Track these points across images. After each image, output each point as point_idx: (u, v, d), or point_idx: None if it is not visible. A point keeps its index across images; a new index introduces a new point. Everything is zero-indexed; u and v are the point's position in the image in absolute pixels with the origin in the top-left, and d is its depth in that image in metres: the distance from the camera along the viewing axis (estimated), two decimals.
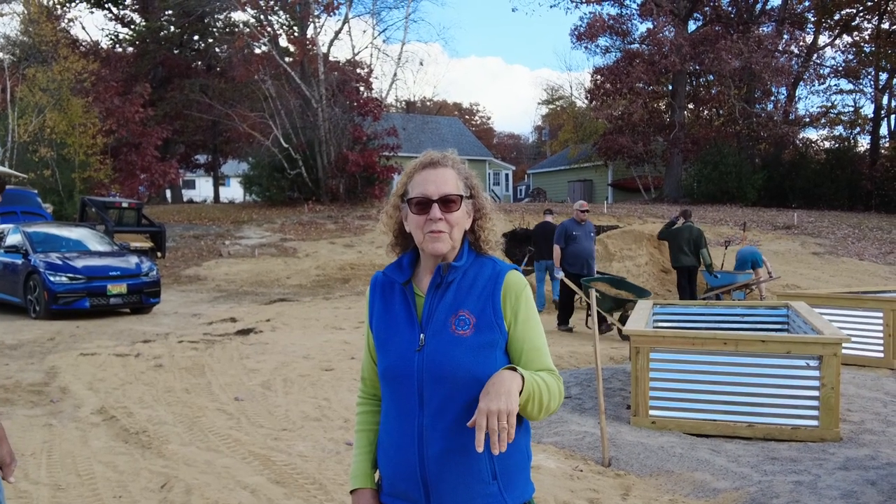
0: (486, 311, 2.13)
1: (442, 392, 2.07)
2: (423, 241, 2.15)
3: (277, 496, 5.07)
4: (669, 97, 41.37)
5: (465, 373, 2.06)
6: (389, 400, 2.19)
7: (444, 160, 2.21)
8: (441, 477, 2.07)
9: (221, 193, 52.91)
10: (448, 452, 2.07)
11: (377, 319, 2.26)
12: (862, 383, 8.43)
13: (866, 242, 26.51)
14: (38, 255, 13.97)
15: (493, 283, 2.17)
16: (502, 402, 1.87)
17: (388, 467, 2.19)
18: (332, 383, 8.56)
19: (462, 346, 2.08)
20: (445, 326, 2.11)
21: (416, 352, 2.11)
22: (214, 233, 27.16)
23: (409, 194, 2.19)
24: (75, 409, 7.40)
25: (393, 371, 2.15)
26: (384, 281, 2.30)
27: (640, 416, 6.80)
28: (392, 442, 2.16)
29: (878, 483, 5.22)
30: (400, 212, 2.26)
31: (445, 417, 2.07)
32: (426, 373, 2.09)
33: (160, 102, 39.91)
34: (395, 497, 2.18)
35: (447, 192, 2.14)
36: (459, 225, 2.17)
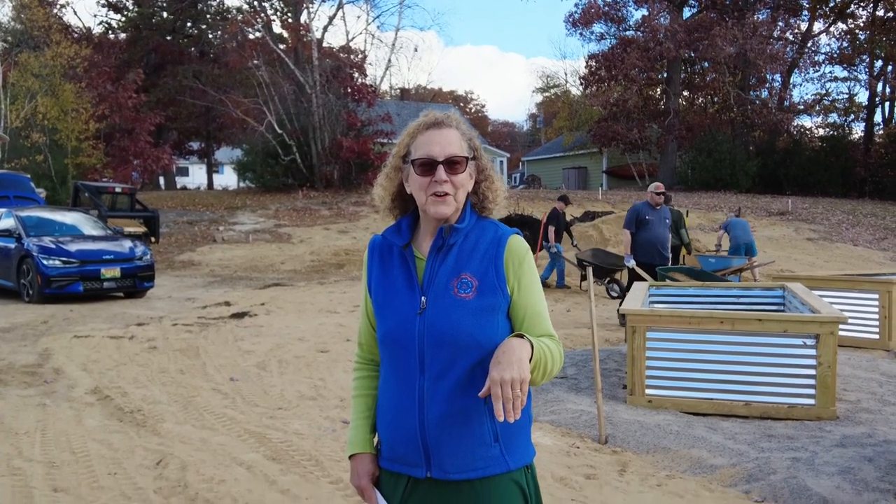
0: (489, 274, 2.09)
1: (443, 355, 2.04)
2: (427, 204, 2.10)
3: (274, 472, 5.05)
4: (664, 84, 41.35)
5: (467, 336, 2.03)
6: (389, 364, 2.15)
7: (448, 120, 2.16)
8: (442, 440, 2.04)
9: (215, 180, 52.74)
10: (449, 416, 2.03)
11: (376, 283, 2.22)
12: (858, 364, 8.43)
13: (860, 228, 26.58)
14: (31, 239, 13.90)
15: (495, 247, 2.13)
16: (514, 371, 1.84)
17: (387, 432, 2.16)
18: (328, 364, 8.53)
19: (464, 309, 2.04)
20: (447, 289, 2.07)
21: (417, 315, 2.07)
22: (208, 219, 27.08)
23: (413, 155, 2.13)
24: (69, 389, 7.36)
25: (393, 335, 2.11)
26: (383, 244, 2.26)
27: (636, 395, 6.79)
28: (392, 406, 2.13)
29: (875, 460, 5.22)
30: (401, 173, 2.20)
31: (446, 381, 2.04)
32: (427, 336, 2.05)
33: (153, 88, 39.75)
34: (394, 461, 2.15)
35: (453, 154, 2.09)
36: (464, 187, 2.13)
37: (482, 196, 2.21)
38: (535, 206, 25.71)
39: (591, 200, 30.78)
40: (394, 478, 2.16)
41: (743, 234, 16.24)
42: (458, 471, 2.05)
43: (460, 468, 2.05)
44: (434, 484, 2.08)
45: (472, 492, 2.06)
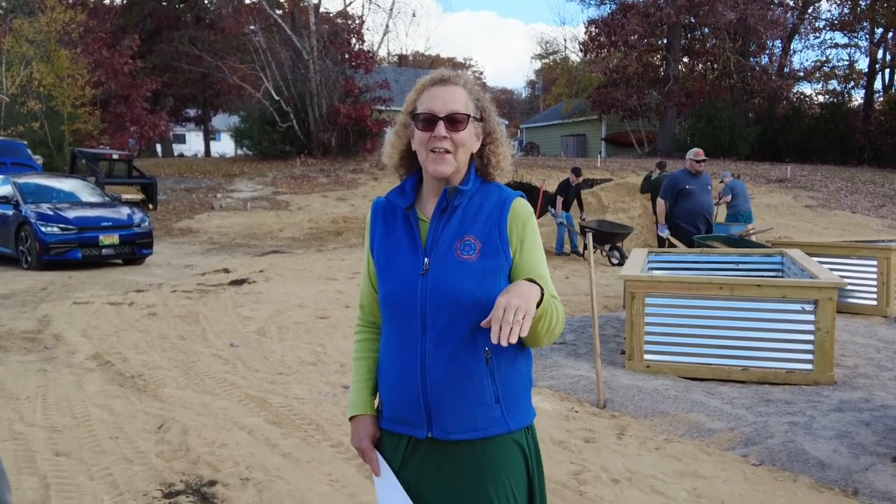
0: (493, 236, 2.09)
1: (445, 317, 2.03)
2: (426, 161, 2.09)
3: (275, 436, 5.08)
4: (664, 50, 41.04)
5: (469, 297, 2.02)
6: (391, 325, 2.15)
7: (456, 78, 2.14)
8: (443, 401, 2.05)
9: (212, 148, 52.53)
10: (450, 376, 2.04)
11: (378, 245, 2.21)
12: (855, 330, 8.46)
13: (859, 196, 26.56)
14: (29, 206, 13.86)
15: (499, 210, 2.12)
16: (522, 300, 1.82)
17: (389, 393, 2.16)
18: (327, 330, 8.56)
19: (467, 270, 2.04)
20: (450, 251, 2.07)
21: (420, 276, 2.07)
22: (206, 186, 27.00)
23: (417, 110, 2.12)
24: (69, 355, 7.38)
25: (395, 296, 2.10)
26: (386, 206, 2.24)
27: (634, 360, 6.82)
28: (394, 367, 2.13)
29: (873, 424, 5.25)
30: (408, 129, 2.18)
31: (448, 342, 2.04)
32: (430, 297, 2.05)
33: (149, 55, 39.45)
34: (395, 422, 2.16)
35: (454, 110, 2.07)
36: (465, 146, 2.10)
37: (487, 160, 2.19)
38: (533, 174, 25.67)
39: (589, 168, 30.66)
40: (394, 438, 2.17)
41: (743, 202, 16.28)
42: (459, 431, 2.06)
43: (461, 428, 2.06)
44: (435, 444, 2.09)
45: (473, 451, 2.07)
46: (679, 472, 4.54)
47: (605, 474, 4.48)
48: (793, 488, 4.32)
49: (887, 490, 4.23)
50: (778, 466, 4.64)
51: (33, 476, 4.38)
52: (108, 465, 4.59)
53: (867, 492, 4.24)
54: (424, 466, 2.11)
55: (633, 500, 4.14)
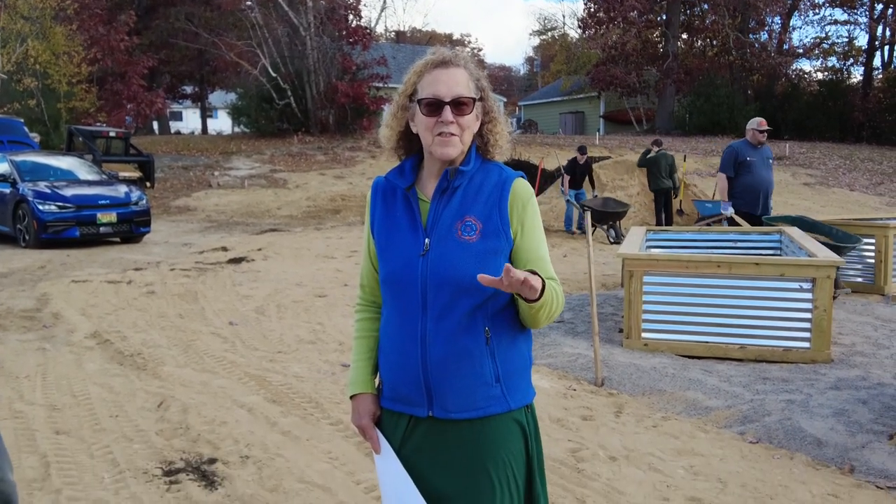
0: (493, 217, 2.08)
1: (446, 297, 2.04)
2: (432, 145, 2.08)
3: (274, 414, 5.10)
4: (663, 27, 40.81)
5: (469, 278, 2.02)
6: (391, 305, 2.15)
7: (456, 59, 2.12)
8: (444, 380, 2.06)
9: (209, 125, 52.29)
10: (451, 356, 2.05)
11: (379, 225, 2.20)
12: (852, 308, 8.49)
13: (857, 173, 26.54)
14: (26, 184, 13.83)
15: (499, 190, 2.12)
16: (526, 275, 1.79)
17: (389, 372, 2.17)
18: (326, 309, 8.57)
19: (468, 251, 2.04)
20: (451, 232, 2.07)
21: (420, 256, 2.07)
22: (203, 164, 26.92)
23: (419, 94, 2.10)
24: (68, 333, 7.40)
25: (396, 276, 2.10)
26: (386, 186, 2.24)
27: (632, 338, 6.84)
28: (394, 347, 2.14)
29: (869, 402, 5.29)
30: (407, 112, 2.17)
31: (449, 322, 2.04)
32: (430, 278, 2.05)
33: (145, 31, 39.13)
34: (396, 401, 2.17)
35: (460, 94, 2.06)
36: (470, 128, 2.10)
37: (486, 139, 2.18)
38: (531, 152, 25.59)
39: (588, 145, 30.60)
40: (395, 417, 2.18)
41: None
42: (459, 410, 2.07)
43: (462, 407, 2.07)
44: (435, 423, 2.10)
45: (473, 430, 2.09)
46: (676, 450, 4.57)
47: (603, 452, 4.51)
48: (789, 466, 4.35)
49: (884, 467, 4.26)
50: (775, 444, 4.67)
51: (33, 454, 4.40)
52: (108, 443, 4.61)
53: (864, 469, 4.27)
54: (425, 445, 2.12)
55: (631, 477, 4.16)
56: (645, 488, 4.03)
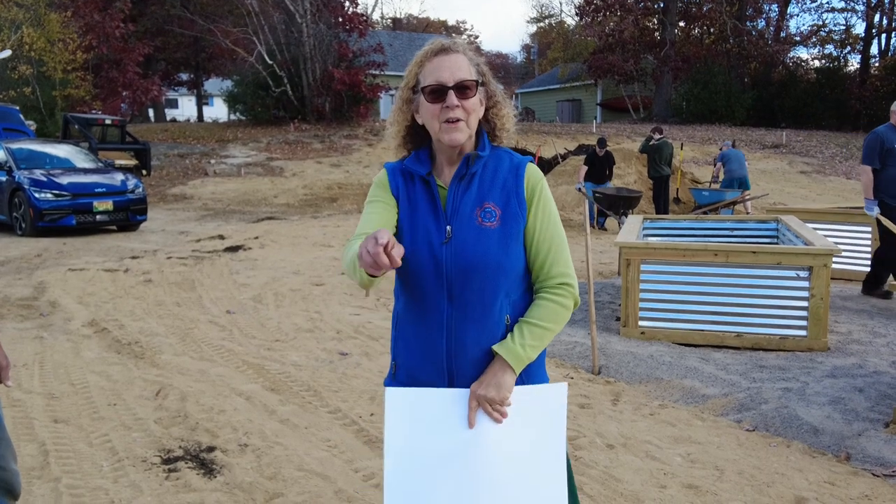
0: (511, 203, 2.11)
1: (470, 284, 2.06)
2: (440, 132, 2.08)
3: (272, 402, 5.11)
4: (660, 14, 40.75)
5: (493, 264, 2.06)
6: (412, 293, 2.14)
7: (455, 46, 2.14)
8: (466, 367, 2.08)
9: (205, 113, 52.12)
10: (475, 343, 2.07)
11: (402, 208, 2.17)
12: (849, 296, 8.51)
13: (854, 161, 26.54)
14: (22, 172, 13.80)
15: (514, 176, 2.15)
16: (492, 392, 2.02)
17: (410, 357, 2.17)
18: (323, 297, 8.57)
19: (490, 237, 2.07)
20: (472, 219, 2.09)
21: (444, 244, 2.07)
22: (199, 152, 26.86)
23: (422, 83, 2.11)
24: (66, 322, 7.39)
25: (420, 264, 2.10)
26: (402, 171, 2.22)
27: (629, 326, 6.85)
28: (417, 333, 2.14)
29: (866, 390, 5.31)
30: (412, 105, 2.18)
31: (474, 309, 2.07)
32: (454, 265, 2.06)
33: (141, 18, 38.93)
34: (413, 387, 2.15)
35: (462, 78, 2.07)
36: (475, 112, 2.11)
37: (493, 123, 2.20)
38: (528, 140, 25.58)
39: (585, 133, 30.61)
40: None
41: (738, 167, 16.27)
42: None
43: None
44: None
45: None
46: (673, 438, 4.58)
47: (600, 440, 4.52)
48: (786, 454, 4.37)
49: (880, 455, 4.28)
50: (771, 432, 4.69)
51: (32, 443, 4.41)
52: (106, 431, 4.62)
53: (860, 457, 4.29)
54: None
55: (628, 465, 4.18)
56: (642, 475, 4.05)
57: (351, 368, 5.91)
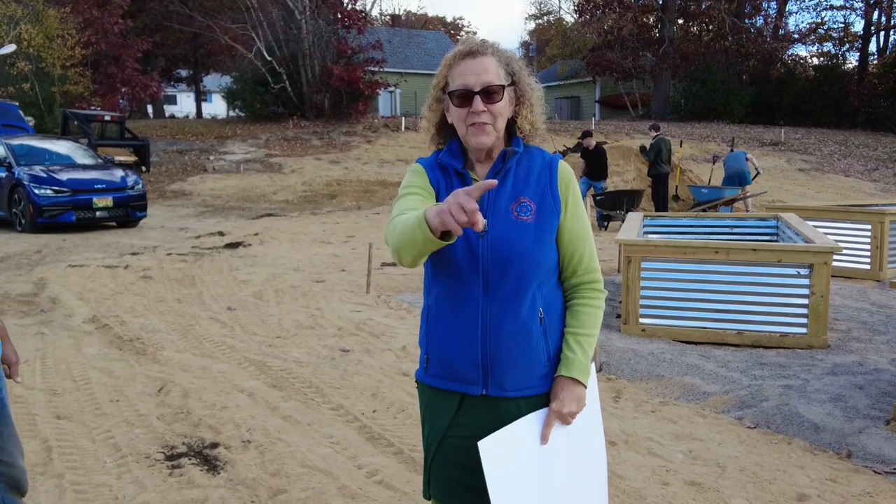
0: (546, 198, 2.15)
1: (506, 277, 2.08)
2: (467, 135, 2.11)
3: (275, 399, 5.12)
4: (659, 11, 40.72)
5: (529, 257, 2.09)
6: (448, 286, 2.15)
7: (484, 48, 2.14)
8: (502, 359, 2.10)
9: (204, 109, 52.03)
10: (511, 335, 2.10)
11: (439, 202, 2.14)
12: (849, 294, 8.53)
13: (852, 159, 26.57)
14: (22, 168, 13.79)
15: (548, 172, 2.19)
16: (574, 406, 2.11)
17: (444, 349, 2.17)
18: (324, 294, 8.58)
19: (526, 231, 2.10)
20: (508, 213, 2.11)
21: (480, 237, 2.09)
22: (198, 148, 26.82)
23: (450, 86, 2.13)
24: (66, 318, 7.40)
25: (457, 256, 2.11)
26: (436, 165, 2.24)
27: (630, 323, 6.87)
28: (452, 326, 2.15)
29: (866, 387, 5.33)
30: (442, 104, 2.20)
31: (510, 301, 2.09)
32: (491, 258, 2.08)
33: (140, 14, 38.84)
34: (447, 379, 2.18)
35: (488, 83, 2.08)
36: (503, 115, 2.13)
37: (522, 122, 2.22)
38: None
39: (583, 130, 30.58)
40: (444, 395, 2.20)
41: (736, 163, 16.24)
42: (514, 389, 2.12)
43: (517, 386, 2.12)
44: (488, 400, 2.14)
45: (527, 407, 2.13)
46: (675, 435, 4.60)
47: None
48: (787, 451, 4.38)
49: (880, 452, 4.29)
50: (772, 429, 4.70)
51: (35, 439, 4.42)
52: (109, 427, 4.63)
53: (861, 454, 4.31)
54: (476, 422, 2.14)
55: (630, 462, 4.19)
56: (644, 472, 4.06)
57: (352, 365, 5.92)
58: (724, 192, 15.64)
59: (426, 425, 2.26)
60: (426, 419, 2.26)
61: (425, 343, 2.24)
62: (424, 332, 2.24)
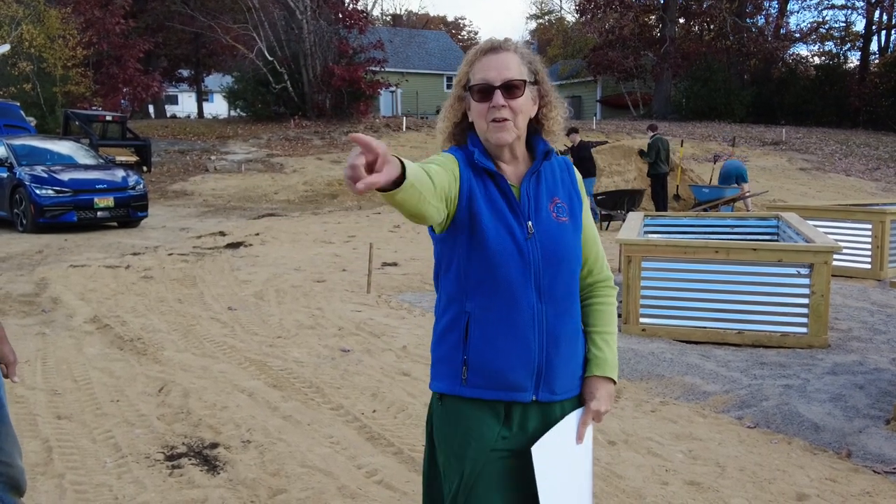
0: (574, 198, 2.18)
1: (558, 277, 2.07)
2: (488, 131, 2.07)
3: (275, 399, 5.13)
4: (660, 11, 40.72)
5: (574, 257, 2.11)
6: (498, 290, 2.04)
7: (506, 44, 2.12)
8: (555, 363, 2.07)
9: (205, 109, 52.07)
10: (565, 337, 2.09)
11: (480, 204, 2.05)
12: (849, 293, 8.53)
13: (853, 159, 26.56)
14: (23, 169, 13.80)
15: (568, 173, 2.22)
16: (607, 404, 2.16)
17: (495, 359, 2.05)
18: (325, 294, 8.58)
19: (567, 231, 2.11)
20: (548, 214, 2.10)
21: (527, 240, 2.05)
22: (200, 148, 26.85)
23: (471, 81, 2.10)
24: (68, 318, 7.41)
25: (507, 259, 2.03)
26: (468, 161, 2.10)
27: (630, 323, 6.87)
28: (506, 334, 2.04)
29: (866, 387, 5.33)
30: (463, 102, 2.16)
31: (563, 303, 2.09)
32: (542, 260, 2.05)
33: (141, 14, 38.88)
34: (494, 389, 2.05)
35: (510, 78, 2.05)
36: (524, 112, 2.09)
37: (542, 123, 2.20)
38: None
39: (585, 130, 30.55)
40: (486, 406, 2.07)
41: (734, 165, 16.30)
42: (564, 391, 2.11)
43: (566, 388, 2.12)
44: (538, 406, 2.09)
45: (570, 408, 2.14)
46: (675, 435, 4.60)
47: (602, 436, 4.54)
48: (787, 450, 4.38)
49: (880, 452, 4.29)
50: (772, 429, 4.70)
51: (35, 439, 4.42)
52: (109, 427, 4.63)
53: (860, 454, 4.31)
54: (529, 429, 2.08)
55: (630, 461, 4.20)
56: (644, 472, 4.06)
57: (353, 365, 5.93)
58: (725, 191, 15.64)
59: (464, 442, 2.06)
60: (463, 435, 2.07)
61: (463, 353, 2.07)
62: (459, 342, 2.08)
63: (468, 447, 2.06)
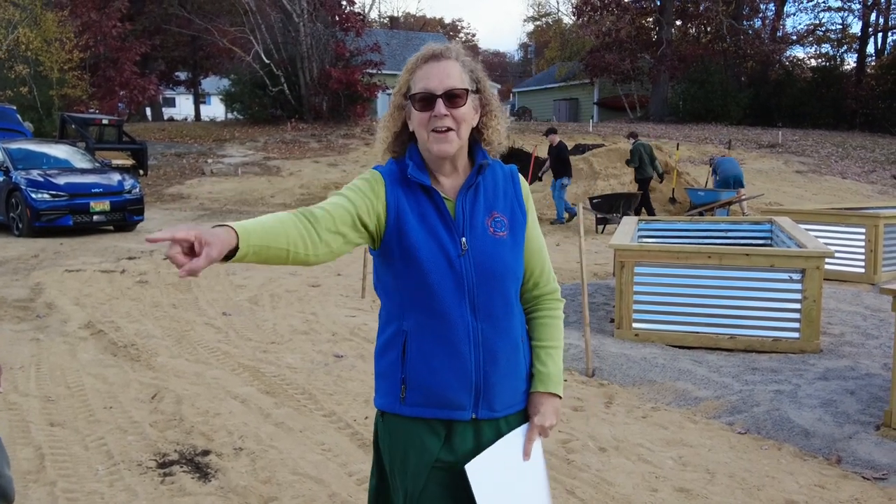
0: (516, 211, 2.11)
1: (492, 295, 2.03)
2: (429, 142, 2.01)
3: (268, 405, 5.14)
4: (657, 13, 40.77)
5: (511, 274, 2.06)
6: (432, 309, 2.01)
7: (447, 52, 2.06)
8: (494, 380, 2.04)
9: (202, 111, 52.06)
10: (503, 354, 2.05)
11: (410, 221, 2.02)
12: (842, 298, 8.55)
13: (849, 161, 26.60)
14: (19, 172, 13.81)
15: (511, 184, 2.15)
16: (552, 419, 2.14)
17: (431, 378, 2.03)
18: (319, 298, 8.60)
19: (504, 247, 2.05)
20: (485, 229, 2.05)
21: (460, 257, 2.01)
22: (196, 151, 26.86)
23: (412, 90, 2.05)
24: (62, 323, 7.41)
25: (441, 277, 2.00)
26: (398, 177, 2.08)
27: (623, 328, 6.89)
28: (442, 352, 2.01)
29: (857, 392, 5.35)
30: (404, 111, 2.10)
31: (498, 320, 2.04)
32: (476, 277, 2.01)
33: (138, 17, 38.86)
34: (433, 407, 2.04)
35: (452, 86, 2.00)
36: (466, 122, 2.03)
37: (483, 133, 2.14)
38: (525, 139, 25.59)
39: (581, 133, 30.63)
40: (425, 424, 2.05)
41: (731, 167, 16.29)
42: (503, 408, 2.08)
43: (505, 405, 2.08)
44: (477, 424, 2.06)
45: (506, 426, 2.10)
46: (665, 440, 4.62)
47: (593, 442, 4.56)
48: (777, 456, 4.40)
49: (870, 458, 4.31)
50: (763, 435, 4.72)
51: (28, 446, 4.43)
52: (102, 434, 4.64)
53: (850, 460, 4.33)
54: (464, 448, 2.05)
55: (620, 468, 4.21)
56: (634, 479, 4.08)
57: (346, 371, 5.94)
58: (721, 194, 15.65)
59: (405, 459, 2.06)
60: (404, 452, 2.07)
61: (401, 371, 2.06)
62: (397, 360, 2.06)
63: (409, 463, 2.06)
